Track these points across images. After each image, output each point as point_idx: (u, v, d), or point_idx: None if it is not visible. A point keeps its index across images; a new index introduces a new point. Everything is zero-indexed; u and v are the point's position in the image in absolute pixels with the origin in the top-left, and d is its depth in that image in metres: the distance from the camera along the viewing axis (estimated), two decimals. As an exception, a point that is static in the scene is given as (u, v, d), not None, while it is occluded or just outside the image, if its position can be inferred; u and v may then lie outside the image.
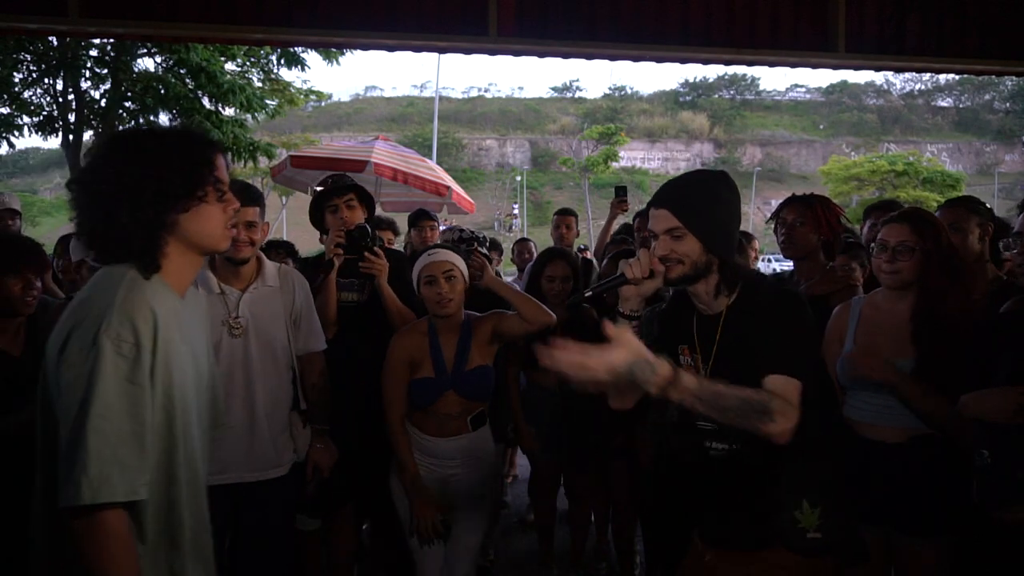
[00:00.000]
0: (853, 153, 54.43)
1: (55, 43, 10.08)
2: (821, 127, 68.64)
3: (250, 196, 2.44)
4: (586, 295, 2.01)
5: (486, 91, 76.36)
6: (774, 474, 1.78)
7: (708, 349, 1.85)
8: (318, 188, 3.30)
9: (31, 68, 10.50)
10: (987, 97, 69.53)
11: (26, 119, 10.74)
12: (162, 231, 1.42)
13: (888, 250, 2.16)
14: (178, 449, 1.43)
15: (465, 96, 74.55)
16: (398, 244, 4.58)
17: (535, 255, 5.37)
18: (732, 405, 1.54)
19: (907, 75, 54.61)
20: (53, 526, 1.37)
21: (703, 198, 1.80)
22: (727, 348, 1.80)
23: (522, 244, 5.90)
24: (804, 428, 1.65)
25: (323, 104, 40.79)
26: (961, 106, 70.80)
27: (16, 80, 10.43)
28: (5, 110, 10.61)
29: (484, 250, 3.14)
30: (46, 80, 10.72)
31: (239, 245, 2.37)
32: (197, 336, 1.57)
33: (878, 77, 63.65)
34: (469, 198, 7.04)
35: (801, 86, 76.58)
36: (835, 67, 4.29)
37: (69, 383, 1.30)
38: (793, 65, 4.22)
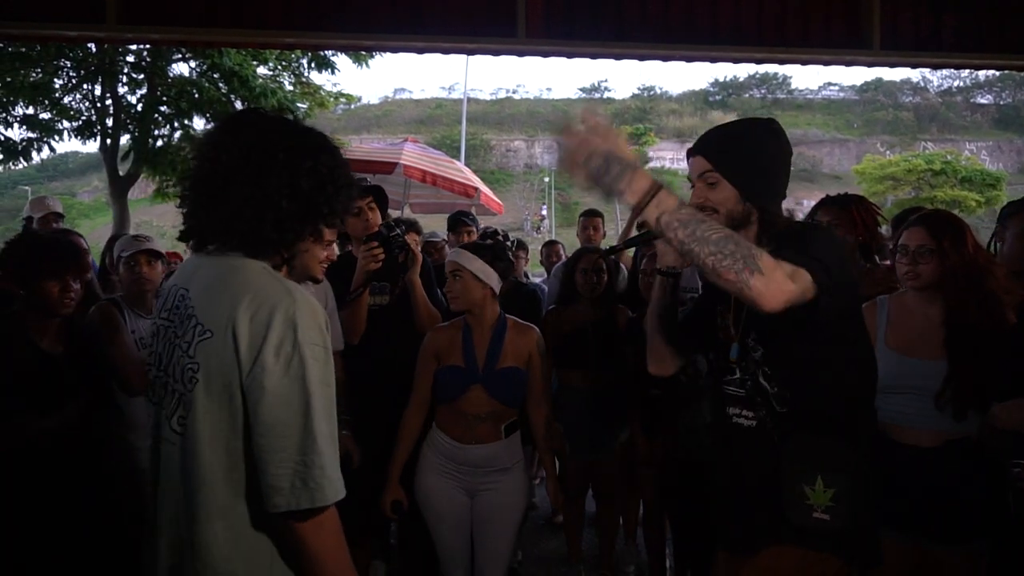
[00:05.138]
0: (888, 152, 53.27)
1: (93, 50, 10.31)
2: (855, 126, 67.32)
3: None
4: (617, 247, 1.98)
5: (514, 92, 76.05)
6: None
7: (741, 308, 1.67)
8: None
9: (71, 74, 10.76)
10: (1029, 93, 67.67)
11: (66, 124, 11.01)
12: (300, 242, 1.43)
13: (909, 254, 2.20)
14: None
15: (493, 97, 74.41)
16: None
17: (563, 257, 5.39)
18: (715, 237, 1.35)
19: (945, 71, 53.47)
20: (249, 527, 1.32)
21: (740, 142, 1.67)
22: None
23: (551, 246, 5.95)
24: (839, 396, 1.53)
25: (352, 107, 41.03)
26: (1001, 103, 68.85)
27: (56, 86, 10.69)
28: (46, 115, 10.88)
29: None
30: (85, 86, 10.98)
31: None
32: None
33: (914, 74, 62.49)
34: (497, 199, 7.05)
35: (834, 84, 75.02)
36: (869, 65, 4.20)
37: (283, 389, 1.25)
38: (826, 63, 4.14)
